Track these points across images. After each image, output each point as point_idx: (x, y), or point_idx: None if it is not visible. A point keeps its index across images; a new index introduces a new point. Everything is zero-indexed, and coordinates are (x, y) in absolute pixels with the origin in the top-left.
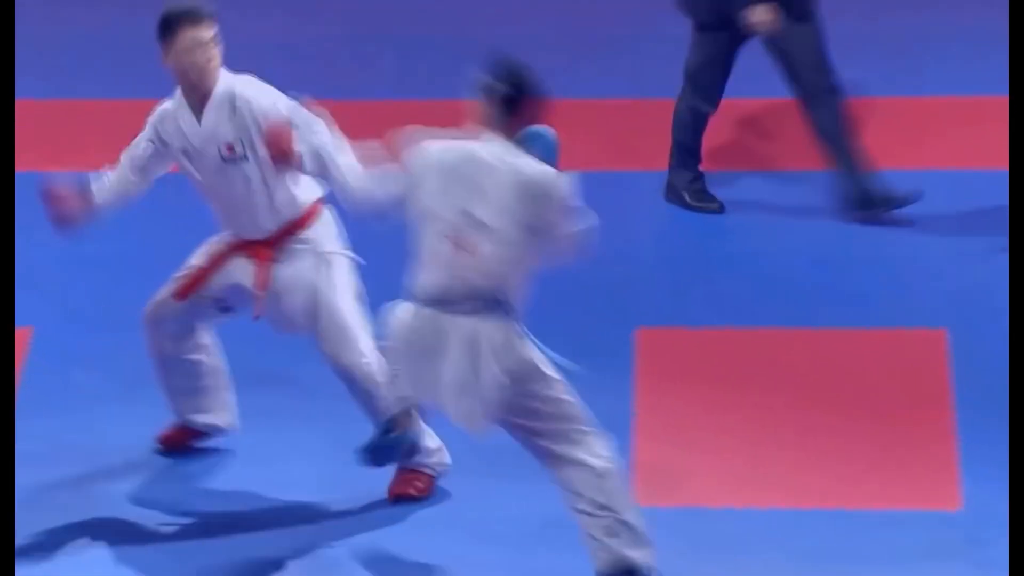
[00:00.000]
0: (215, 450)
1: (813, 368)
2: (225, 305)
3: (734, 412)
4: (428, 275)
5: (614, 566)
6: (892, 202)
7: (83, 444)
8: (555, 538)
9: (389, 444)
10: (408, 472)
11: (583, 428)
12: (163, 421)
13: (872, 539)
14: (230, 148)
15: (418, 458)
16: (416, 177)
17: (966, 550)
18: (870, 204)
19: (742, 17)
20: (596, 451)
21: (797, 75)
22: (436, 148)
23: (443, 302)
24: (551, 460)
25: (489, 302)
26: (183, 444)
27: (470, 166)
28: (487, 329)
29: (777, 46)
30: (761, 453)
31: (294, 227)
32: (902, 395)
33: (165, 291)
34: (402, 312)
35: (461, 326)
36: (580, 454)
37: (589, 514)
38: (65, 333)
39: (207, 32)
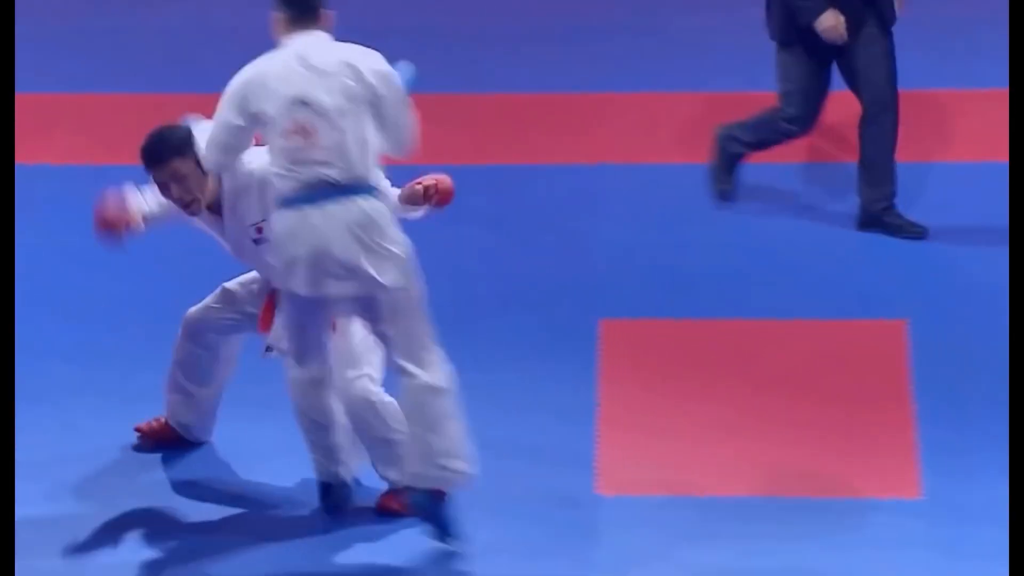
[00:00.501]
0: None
1: (776, 359)
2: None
3: (697, 402)
4: (286, 177)
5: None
6: (902, 229)
7: (58, 437)
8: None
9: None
10: (395, 491)
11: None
12: (139, 416)
13: (834, 527)
14: (259, 229)
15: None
16: (244, 100)
17: (926, 537)
18: (881, 224)
19: (813, 27)
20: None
21: (859, 90)
22: (252, 66)
23: (308, 199)
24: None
25: (350, 187)
26: (161, 442)
27: (295, 62)
28: (355, 210)
29: (845, 59)
30: (724, 443)
31: None
32: (863, 385)
33: (213, 300)
34: (277, 221)
35: (332, 214)
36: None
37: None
38: (41, 325)
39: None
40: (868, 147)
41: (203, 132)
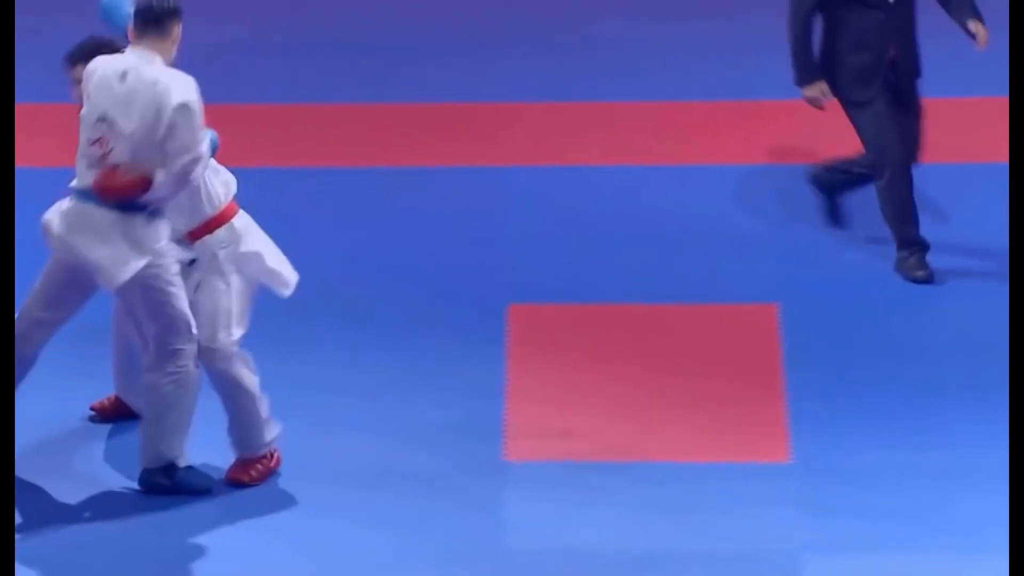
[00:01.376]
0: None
1: (663, 339)
2: None
3: (595, 378)
4: (80, 174)
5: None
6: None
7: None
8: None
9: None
10: (244, 462)
11: (177, 344)
12: (91, 394)
13: (713, 487)
14: None
15: (253, 447)
16: (86, 89)
17: (795, 496)
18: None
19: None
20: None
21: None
22: (96, 63)
23: (90, 197)
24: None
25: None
26: (114, 415)
27: (116, 77)
28: (121, 221)
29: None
30: (619, 414)
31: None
32: (739, 363)
33: None
34: (59, 205)
35: (103, 216)
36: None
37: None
38: None
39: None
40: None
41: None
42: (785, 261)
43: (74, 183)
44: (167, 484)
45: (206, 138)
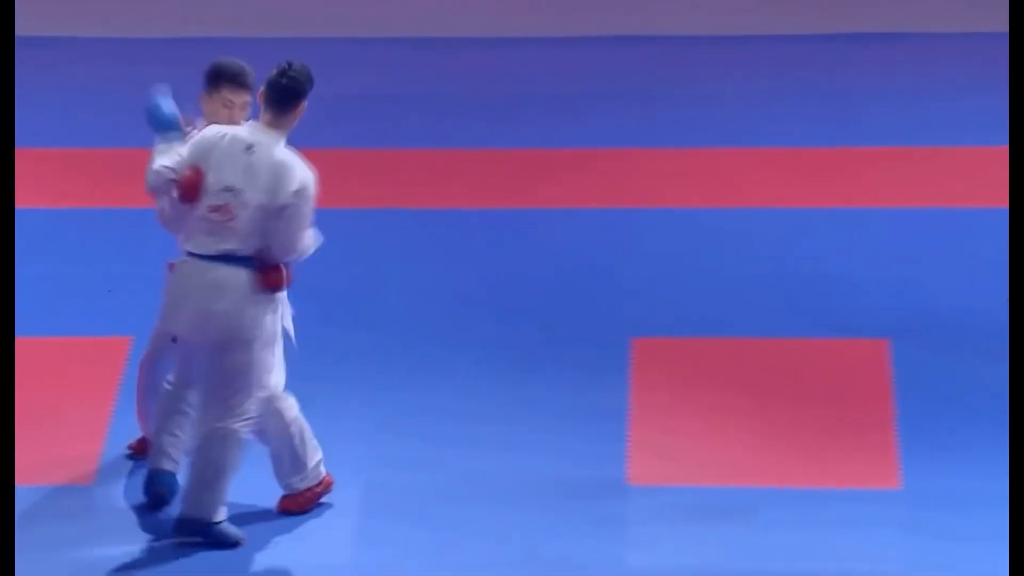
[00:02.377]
0: None
1: (780, 372)
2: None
3: (715, 408)
4: (197, 240)
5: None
6: None
7: None
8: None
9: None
10: (293, 495)
11: (242, 400)
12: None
13: (824, 512)
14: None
15: (296, 480)
16: (194, 158)
17: (904, 520)
18: None
19: None
20: (233, 419)
21: None
22: (216, 131)
23: (208, 256)
24: (200, 413)
25: (238, 259)
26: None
27: (243, 150)
28: (231, 275)
29: None
30: (736, 441)
31: None
32: (852, 394)
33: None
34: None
35: (216, 270)
36: (223, 419)
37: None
38: None
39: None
40: None
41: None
42: (898, 299)
43: (190, 247)
44: (202, 535)
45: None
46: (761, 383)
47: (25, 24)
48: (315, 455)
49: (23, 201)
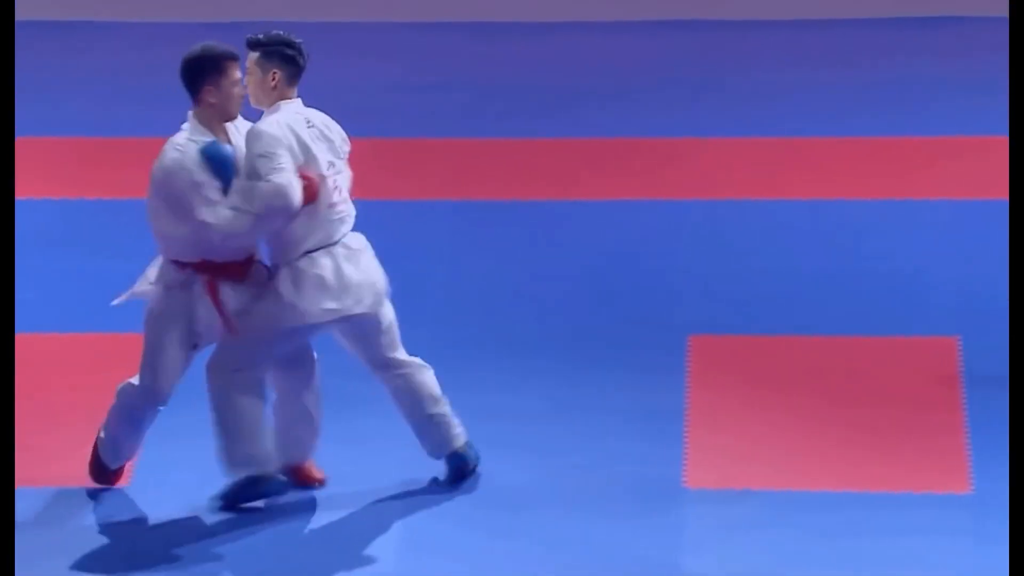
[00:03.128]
0: None
1: (843, 371)
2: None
3: (775, 408)
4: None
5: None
6: None
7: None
8: None
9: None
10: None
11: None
12: None
13: (891, 516)
14: None
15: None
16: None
17: (973, 526)
18: None
19: None
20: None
21: None
22: (284, 119)
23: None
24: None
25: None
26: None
27: (306, 125)
28: (358, 237)
29: None
30: (798, 443)
31: None
32: (919, 394)
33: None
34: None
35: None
36: (401, 366)
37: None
38: None
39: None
40: None
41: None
42: (966, 294)
43: (317, 241)
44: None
45: None
46: (824, 382)
47: (42, 8)
48: None
49: (41, 192)
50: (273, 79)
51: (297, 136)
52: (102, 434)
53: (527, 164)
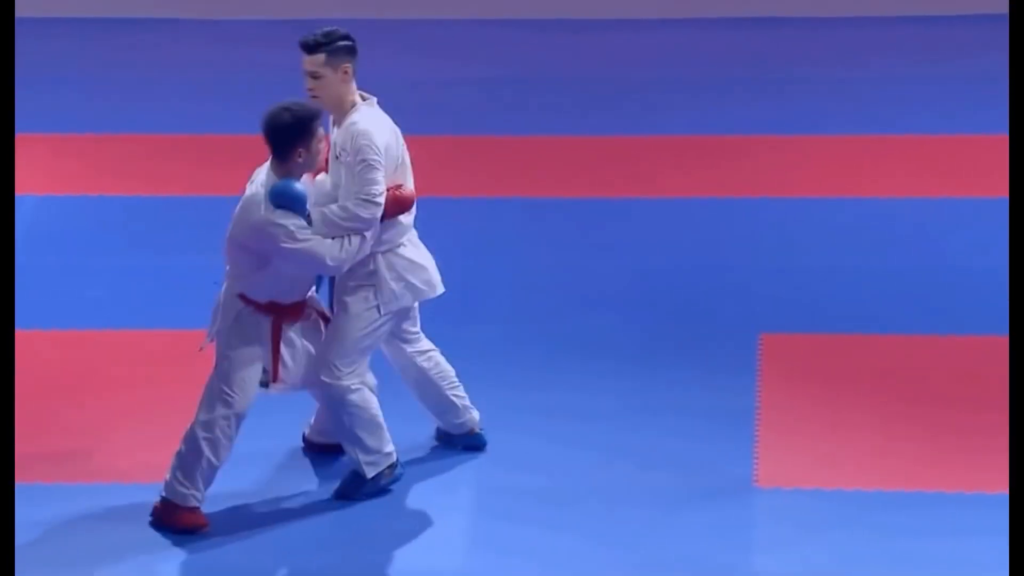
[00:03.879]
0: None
1: (908, 370)
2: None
3: (845, 408)
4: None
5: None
6: None
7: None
8: None
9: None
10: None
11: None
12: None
13: (960, 517)
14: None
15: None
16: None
17: None
18: None
19: None
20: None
21: None
22: (372, 123)
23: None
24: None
25: None
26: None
27: (392, 131)
28: None
29: None
30: (868, 442)
31: None
32: (978, 393)
33: None
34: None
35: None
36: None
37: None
38: None
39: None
40: None
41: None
42: None
43: (396, 237)
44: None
45: None
46: (894, 382)
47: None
48: None
49: (55, 188)
50: (346, 73)
51: (398, 141)
52: (178, 485)
53: (598, 160)
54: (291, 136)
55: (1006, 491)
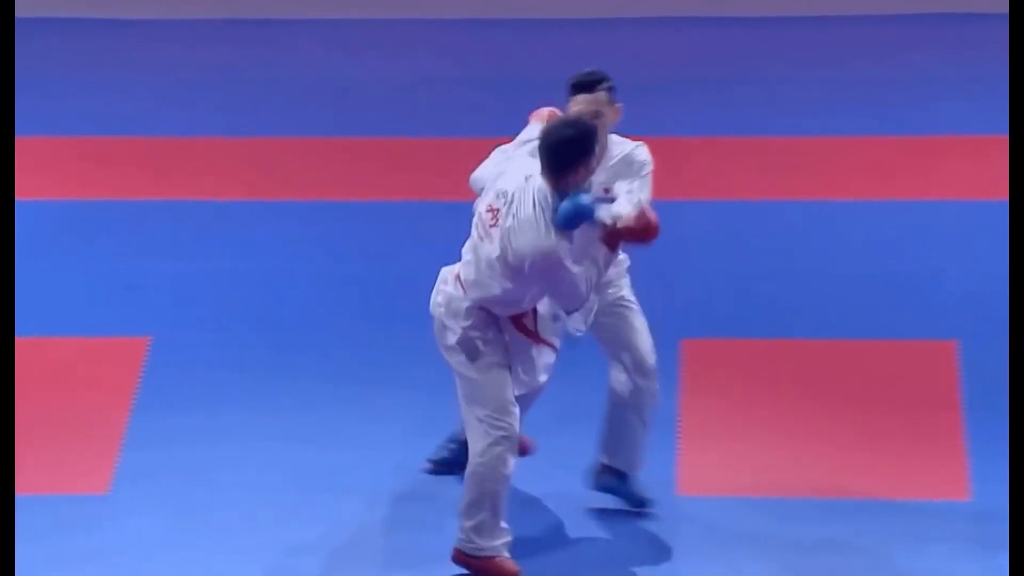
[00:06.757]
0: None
1: (840, 375)
2: None
3: (769, 413)
4: None
5: None
6: None
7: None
8: None
9: None
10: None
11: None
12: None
13: (888, 525)
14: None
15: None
16: None
17: (973, 534)
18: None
19: None
20: None
21: None
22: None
23: None
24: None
25: None
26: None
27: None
28: None
29: None
30: (792, 450)
31: None
32: (917, 399)
33: None
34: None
35: None
36: None
37: None
38: (183, 340)
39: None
40: None
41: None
42: (965, 298)
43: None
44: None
45: None
46: (819, 388)
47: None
48: None
49: (39, 193)
50: (617, 112)
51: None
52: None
53: None
54: (577, 154)
55: (935, 498)
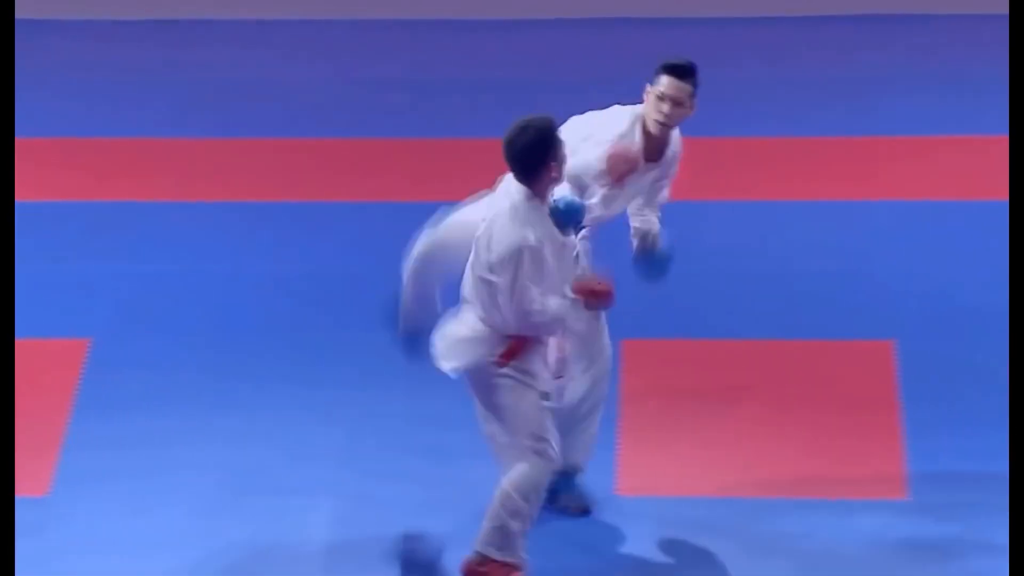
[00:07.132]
0: None
1: (778, 375)
2: None
3: (708, 413)
4: None
5: None
6: None
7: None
8: None
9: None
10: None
11: None
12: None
13: (828, 525)
14: None
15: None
16: None
17: (911, 534)
18: None
19: None
20: None
21: None
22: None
23: None
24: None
25: None
26: None
27: None
28: None
29: None
30: (732, 449)
31: None
32: (855, 399)
33: None
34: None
35: None
36: None
37: None
38: (122, 342)
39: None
40: None
41: None
42: (902, 297)
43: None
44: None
45: None
46: (757, 387)
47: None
48: None
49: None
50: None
51: None
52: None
53: None
54: (541, 152)
55: (872, 497)
